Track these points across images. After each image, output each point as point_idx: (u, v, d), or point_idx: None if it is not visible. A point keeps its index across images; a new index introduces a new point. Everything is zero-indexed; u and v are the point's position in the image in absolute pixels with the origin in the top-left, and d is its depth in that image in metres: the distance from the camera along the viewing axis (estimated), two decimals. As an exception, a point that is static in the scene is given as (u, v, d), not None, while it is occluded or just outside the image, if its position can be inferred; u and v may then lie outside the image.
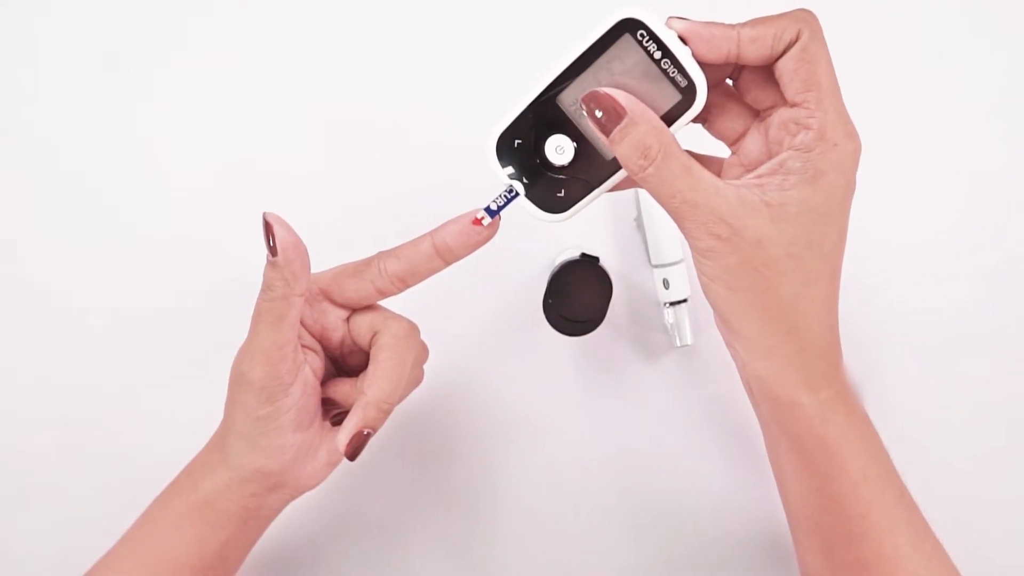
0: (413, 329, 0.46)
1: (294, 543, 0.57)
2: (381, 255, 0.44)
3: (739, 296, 0.39)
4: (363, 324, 0.45)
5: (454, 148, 0.53)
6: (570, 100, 0.40)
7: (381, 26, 0.58)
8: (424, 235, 0.44)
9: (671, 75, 0.38)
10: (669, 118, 0.39)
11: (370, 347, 0.45)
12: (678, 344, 0.55)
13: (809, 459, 0.43)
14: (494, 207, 0.43)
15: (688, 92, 0.38)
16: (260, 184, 0.58)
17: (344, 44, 0.58)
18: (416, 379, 0.48)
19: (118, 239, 0.58)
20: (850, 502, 0.43)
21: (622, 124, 0.38)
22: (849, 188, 0.39)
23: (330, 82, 0.58)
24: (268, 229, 0.41)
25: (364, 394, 0.43)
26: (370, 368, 0.44)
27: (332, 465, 0.48)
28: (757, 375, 0.42)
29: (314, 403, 0.45)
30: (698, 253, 0.39)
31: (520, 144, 0.41)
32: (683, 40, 0.38)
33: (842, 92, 0.38)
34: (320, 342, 0.46)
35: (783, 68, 0.37)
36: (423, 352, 0.48)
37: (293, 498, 0.48)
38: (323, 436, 0.46)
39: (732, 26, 0.38)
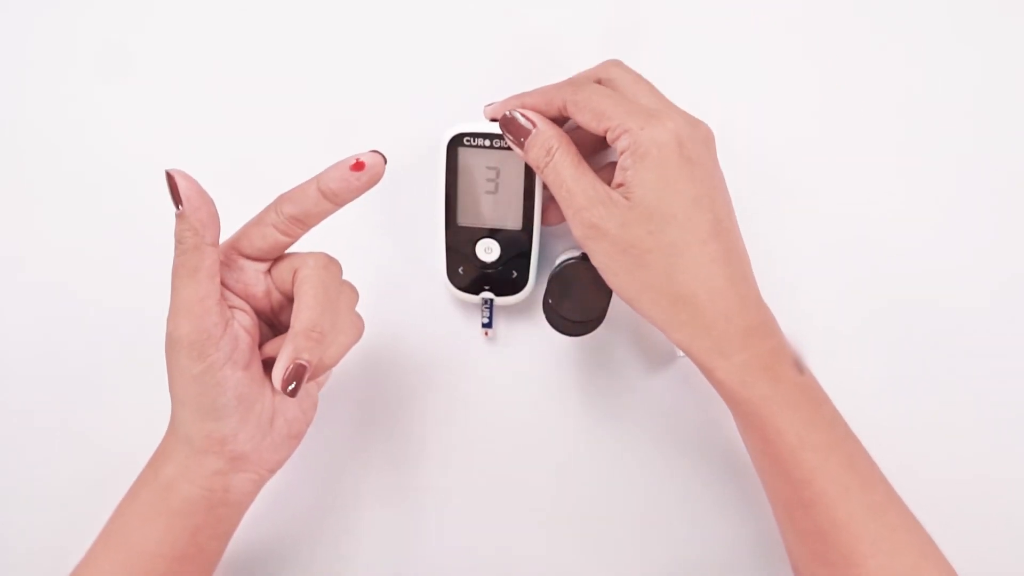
0: (331, 261, 0.46)
1: (283, 540, 0.57)
2: (279, 199, 0.46)
3: (626, 280, 0.45)
4: (284, 269, 0.46)
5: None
6: (464, 218, 0.52)
7: (382, 23, 0.57)
8: (312, 178, 0.45)
9: (507, 144, 0.49)
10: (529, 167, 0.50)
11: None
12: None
13: (746, 421, 0.46)
14: (486, 320, 0.54)
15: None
16: (262, 185, 0.57)
17: (347, 43, 0.58)
18: (354, 326, 0.48)
19: (117, 238, 0.58)
20: (793, 467, 0.44)
21: (532, 133, 0.47)
22: (680, 159, 0.44)
23: (332, 82, 0.58)
24: (171, 182, 0.41)
25: (292, 327, 0.43)
26: (294, 303, 0.44)
27: (294, 437, 0.47)
28: (681, 346, 0.46)
29: (249, 357, 0.45)
30: (581, 244, 0.46)
31: (463, 269, 0.53)
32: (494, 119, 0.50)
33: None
34: (247, 301, 0.46)
35: (579, 121, 0.46)
36: (350, 292, 0.48)
37: (262, 478, 0.47)
38: (275, 402, 0.46)
39: (519, 97, 0.49)
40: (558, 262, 0.51)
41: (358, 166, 0.44)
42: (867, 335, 0.57)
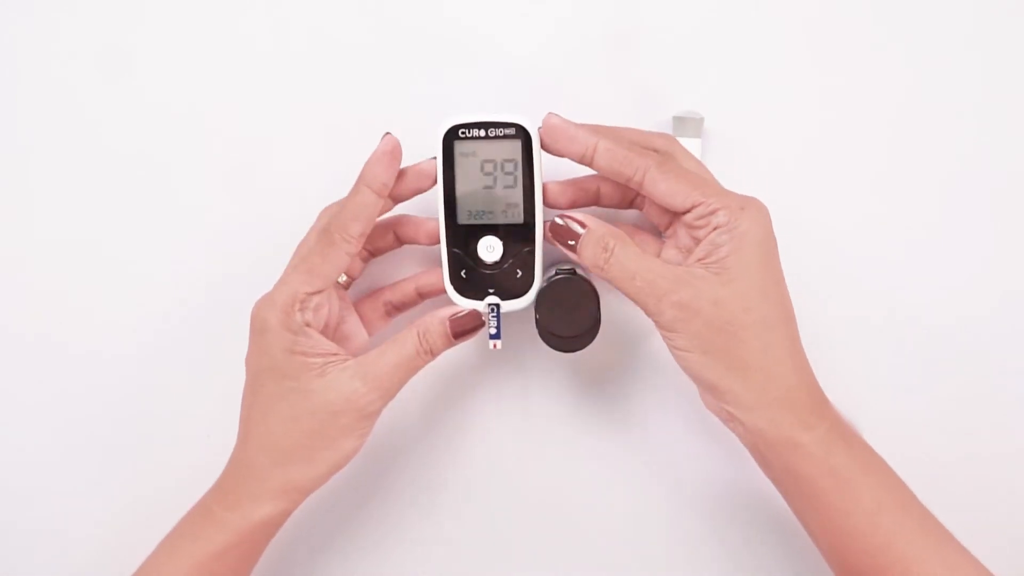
0: None
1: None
2: (337, 225, 0.47)
3: (715, 357, 0.44)
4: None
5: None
6: (464, 216, 0.50)
7: (381, 22, 0.56)
8: (356, 191, 0.47)
9: (502, 133, 0.48)
10: (527, 151, 0.49)
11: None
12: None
13: (824, 498, 0.45)
14: (493, 330, 0.50)
15: (520, 131, 0.48)
16: (262, 184, 0.58)
17: (347, 44, 0.56)
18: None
19: (118, 238, 0.58)
20: (871, 534, 0.44)
21: (583, 233, 0.46)
22: (772, 241, 0.46)
23: (331, 83, 0.57)
24: (475, 323, 0.49)
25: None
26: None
27: None
28: (756, 428, 0.45)
29: None
30: (666, 329, 0.45)
31: (467, 272, 0.50)
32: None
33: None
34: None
35: (654, 192, 0.46)
36: None
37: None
38: None
39: (593, 128, 0.48)
40: (546, 277, 0.50)
41: (395, 151, 0.47)
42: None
